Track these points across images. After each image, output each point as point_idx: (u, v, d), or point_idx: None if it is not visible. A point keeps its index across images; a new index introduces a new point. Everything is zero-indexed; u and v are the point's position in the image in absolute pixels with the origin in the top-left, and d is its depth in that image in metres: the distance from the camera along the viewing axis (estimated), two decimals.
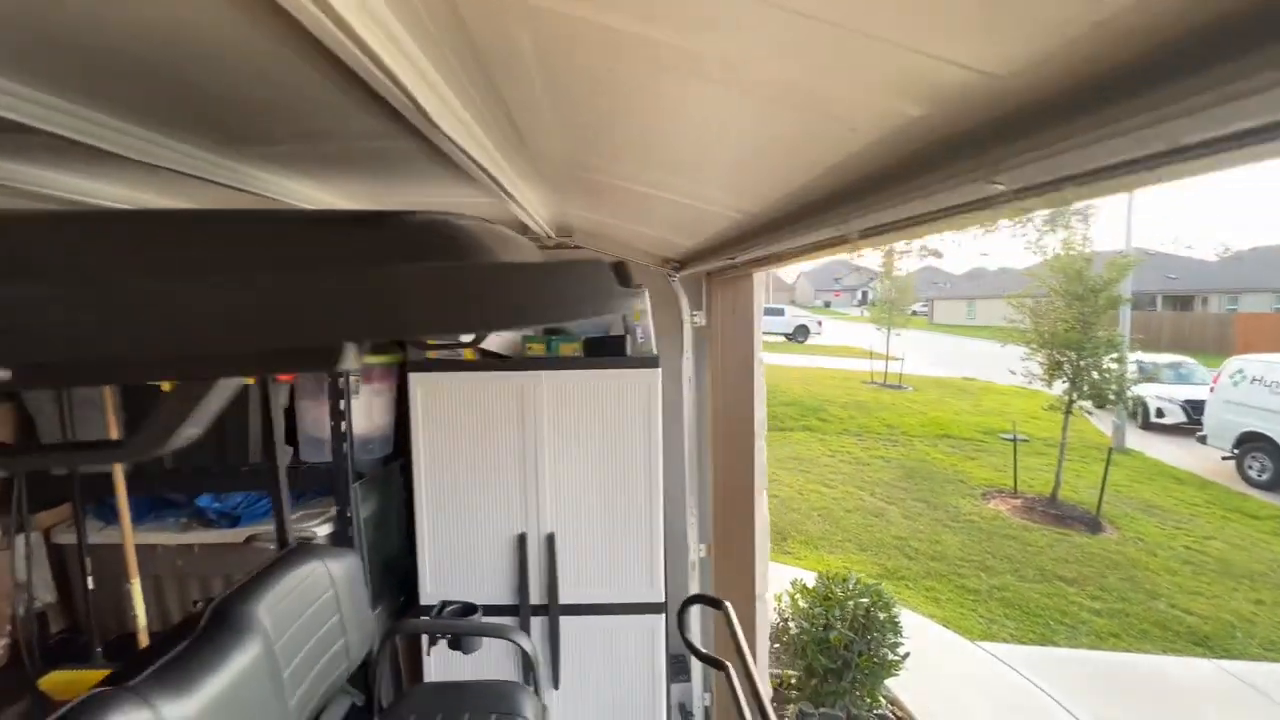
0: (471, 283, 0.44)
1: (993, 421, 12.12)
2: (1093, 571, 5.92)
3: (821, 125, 0.65)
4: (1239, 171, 0.51)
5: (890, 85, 0.52)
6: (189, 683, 1.00)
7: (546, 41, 0.66)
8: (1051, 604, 5.25)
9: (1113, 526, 7.14)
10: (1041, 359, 7.82)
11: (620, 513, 2.41)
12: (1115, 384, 7.77)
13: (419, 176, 1.51)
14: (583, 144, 1.16)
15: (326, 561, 1.45)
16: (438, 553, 2.42)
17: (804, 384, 15.13)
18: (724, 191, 1.17)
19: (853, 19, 0.48)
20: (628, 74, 0.80)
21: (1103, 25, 0.37)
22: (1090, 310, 7.39)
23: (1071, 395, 7.61)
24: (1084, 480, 8.63)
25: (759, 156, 0.86)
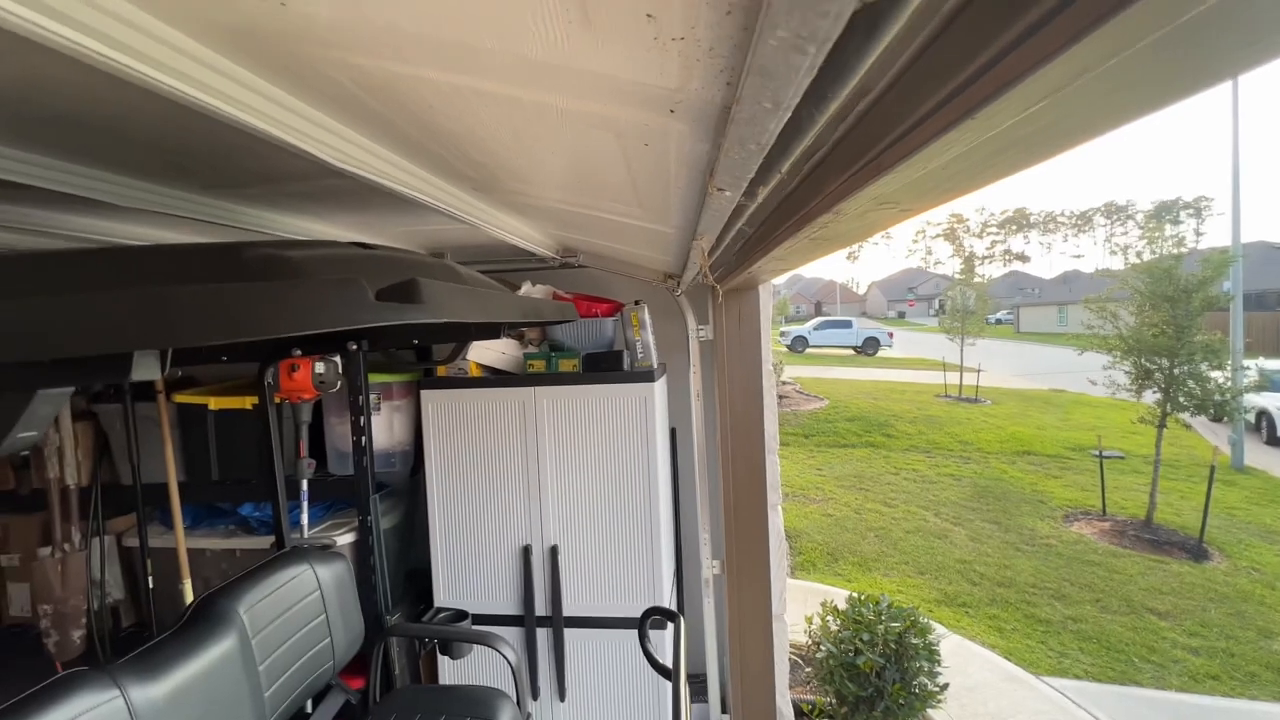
0: (223, 301, 0.51)
1: (1082, 437, 11.12)
2: (1192, 604, 5.29)
3: (630, 148, 0.68)
4: None
5: (634, 107, 0.55)
6: (160, 669, 1.12)
7: (430, 102, 0.73)
8: (1138, 639, 4.73)
9: (1221, 554, 6.35)
10: (1128, 367, 7.14)
11: (623, 526, 2.43)
12: (1221, 393, 6.96)
13: (392, 209, 1.63)
14: (523, 184, 1.24)
15: (315, 565, 1.58)
16: (450, 563, 2.53)
17: (870, 398, 14.50)
18: (640, 210, 1.21)
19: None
20: (511, 125, 0.86)
21: None
22: (1183, 313, 6.69)
23: (1165, 406, 6.89)
24: (1189, 502, 7.74)
25: (626, 180, 0.90)
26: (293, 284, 0.52)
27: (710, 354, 2.92)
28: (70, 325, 0.49)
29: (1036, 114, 0.48)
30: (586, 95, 0.58)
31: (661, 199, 0.89)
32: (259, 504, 2.64)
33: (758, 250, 1.21)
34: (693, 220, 0.86)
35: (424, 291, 0.63)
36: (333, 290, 0.54)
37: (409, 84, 0.70)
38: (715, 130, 0.52)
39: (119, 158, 1.09)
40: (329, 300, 0.55)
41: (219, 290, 0.52)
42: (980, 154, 0.58)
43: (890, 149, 0.58)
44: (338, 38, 0.56)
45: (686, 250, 1.38)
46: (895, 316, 49.47)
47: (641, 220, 1.32)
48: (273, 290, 0.53)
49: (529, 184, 1.25)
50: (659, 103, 0.52)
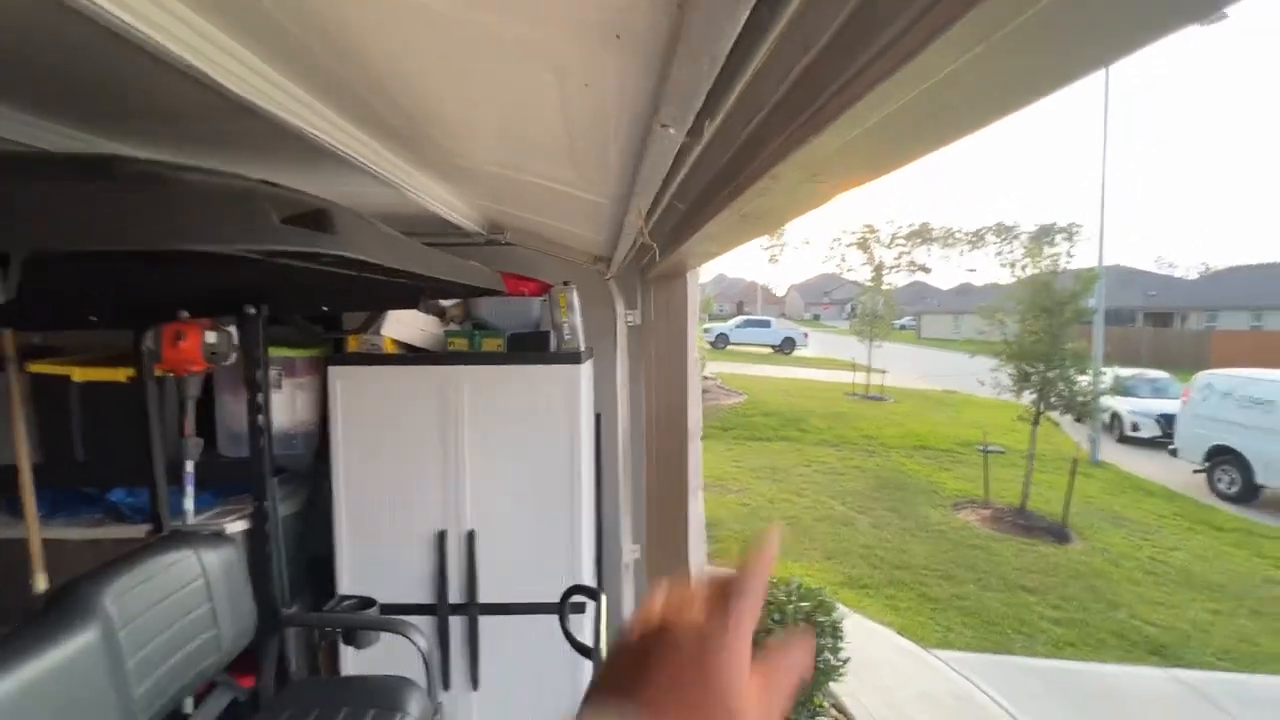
0: (92, 197, 0.44)
1: (970, 433, 12.15)
2: (1055, 581, 5.93)
3: (567, 86, 0.66)
4: (1222, 191, 0.51)
5: (576, 37, 0.52)
6: (5, 665, 0.97)
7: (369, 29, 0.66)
8: (1011, 613, 5.24)
9: (1079, 537, 7.17)
10: (1011, 370, 7.88)
11: (544, 511, 2.39)
12: (1084, 396, 7.84)
13: (307, 164, 1.50)
14: (446, 134, 1.16)
15: (199, 551, 1.42)
16: (357, 549, 2.38)
17: (786, 395, 15.16)
18: (571, 172, 1.18)
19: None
20: (428, 51, 0.80)
21: None
22: (1058, 323, 7.46)
23: (1039, 406, 7.66)
24: (1056, 492, 8.65)
25: (560, 130, 0.87)
26: (182, 190, 0.45)
27: (637, 340, 2.92)
28: None
29: (961, 73, 0.50)
30: (522, 13, 0.54)
31: (599, 157, 0.86)
32: (133, 489, 2.37)
33: (690, 227, 1.21)
34: (629, 183, 0.84)
35: (337, 220, 0.57)
36: (230, 202, 0.48)
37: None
38: (662, 61, 0.51)
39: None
40: (225, 214, 0.48)
41: (89, 187, 0.44)
42: (910, 118, 0.60)
43: (827, 104, 0.59)
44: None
45: (620, 222, 1.36)
46: (811, 318, 52.01)
47: (575, 188, 1.28)
48: (158, 194, 0.46)
49: (458, 140, 1.18)
50: (604, 28, 0.49)
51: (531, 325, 2.55)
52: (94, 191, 0.44)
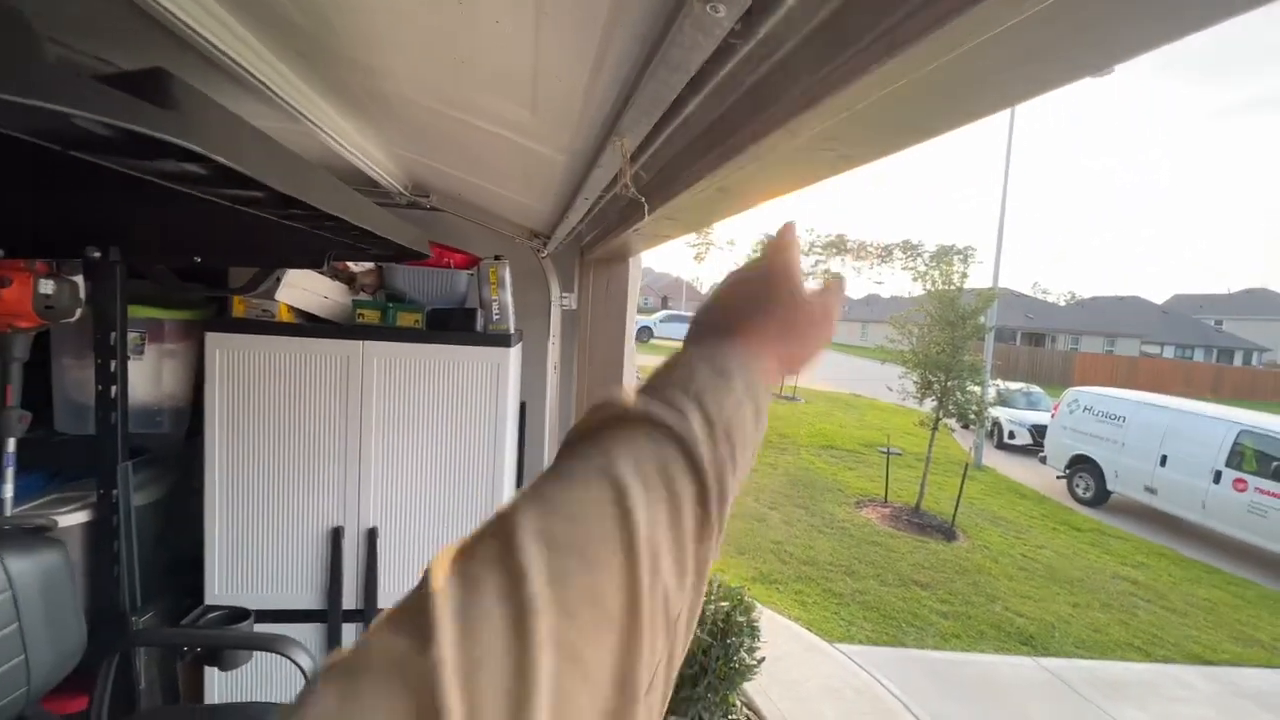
0: None
1: (873, 435, 12.92)
2: (944, 577, 6.35)
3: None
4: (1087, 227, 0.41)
5: None
6: None
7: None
8: (906, 607, 5.55)
9: (965, 536, 7.75)
10: (915, 378, 8.38)
11: (459, 506, 2.16)
12: (975, 405, 8.48)
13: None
14: (369, 58, 0.93)
15: (5, 556, 1.10)
16: (231, 548, 2.05)
17: None
18: (529, 116, 0.99)
19: None
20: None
21: None
22: (960, 336, 8.01)
23: (938, 413, 8.21)
24: (946, 493, 9.34)
25: (522, 56, 0.69)
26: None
27: (571, 325, 2.73)
28: None
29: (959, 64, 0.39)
30: None
31: (571, 85, 0.69)
32: None
33: (658, 196, 1.06)
34: (610, 120, 0.68)
35: (178, 91, 0.37)
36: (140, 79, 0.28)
37: None
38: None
39: None
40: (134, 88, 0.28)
41: None
42: (915, 101, 0.48)
43: (847, 62, 0.46)
44: None
45: (577, 184, 1.18)
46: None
47: (528, 135, 1.08)
48: None
49: (379, 55, 0.96)
50: None
51: (456, 301, 2.30)
52: None
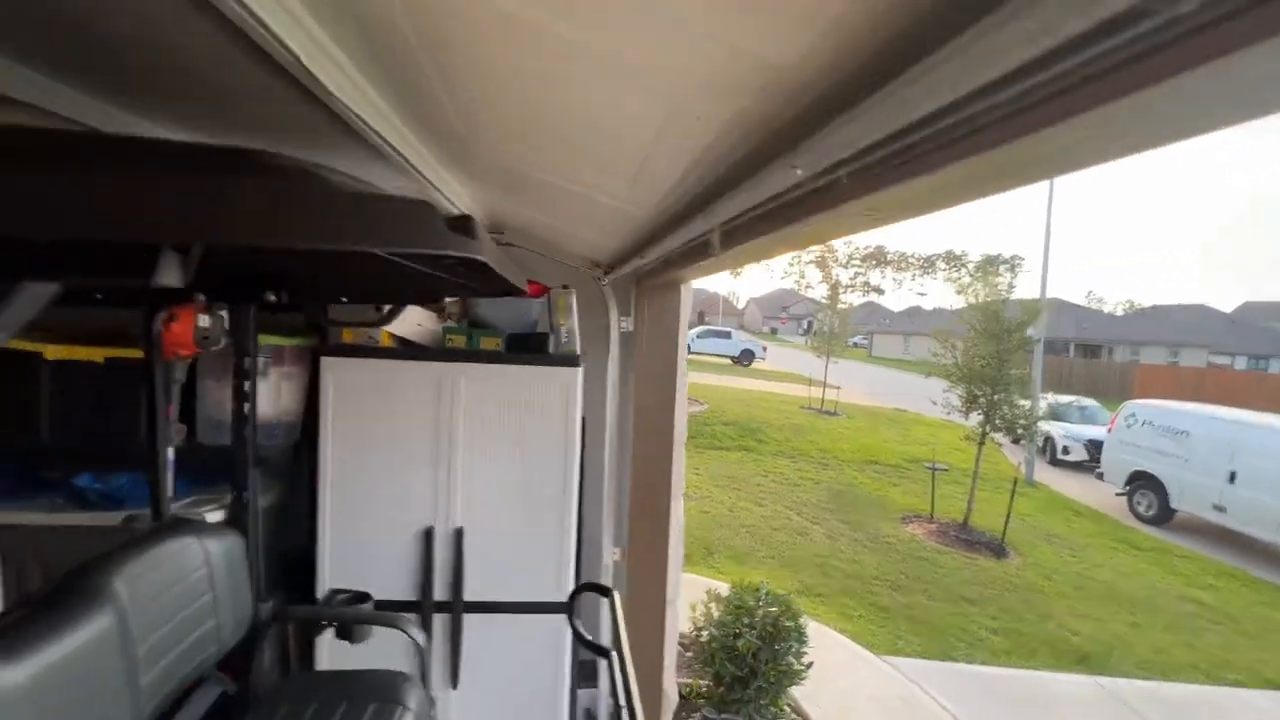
0: (288, 199, 0.47)
1: (918, 450, 12.70)
2: (994, 593, 6.27)
3: (677, 117, 0.72)
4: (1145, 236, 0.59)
5: (717, 79, 0.58)
6: (19, 649, 0.94)
7: (450, 30, 0.70)
8: (954, 622, 5.52)
9: (1016, 553, 7.60)
10: (960, 392, 8.31)
11: (532, 511, 2.41)
12: (1024, 419, 8.34)
13: (326, 149, 1.50)
14: (498, 135, 1.20)
15: (204, 539, 1.39)
16: (339, 544, 2.34)
17: (745, 406, 15.45)
18: (625, 187, 1.23)
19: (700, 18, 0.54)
20: (520, 62, 0.84)
21: (867, 13, 0.44)
22: (1005, 349, 7.93)
23: (985, 428, 8.11)
24: (995, 509, 9.15)
25: (640, 150, 0.93)
26: (370, 194, 0.49)
27: (627, 345, 2.98)
28: (98, 203, 0.42)
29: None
30: (659, 47, 0.59)
31: (666, 177, 0.92)
32: (100, 474, 2.26)
33: (734, 240, 1.28)
34: (705, 195, 0.90)
35: (476, 227, 0.60)
36: (409, 209, 0.51)
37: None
38: (813, 114, 0.56)
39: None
40: (405, 218, 0.52)
41: (288, 188, 0.47)
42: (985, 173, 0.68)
43: (910, 163, 0.66)
44: None
45: (648, 231, 1.41)
46: (769, 331, 53.10)
47: (617, 199, 1.33)
48: (349, 197, 0.49)
49: (512, 144, 1.22)
50: (750, 80, 0.55)
51: (529, 326, 2.57)
52: (300, 192, 0.47)
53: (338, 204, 0.48)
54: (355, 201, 0.49)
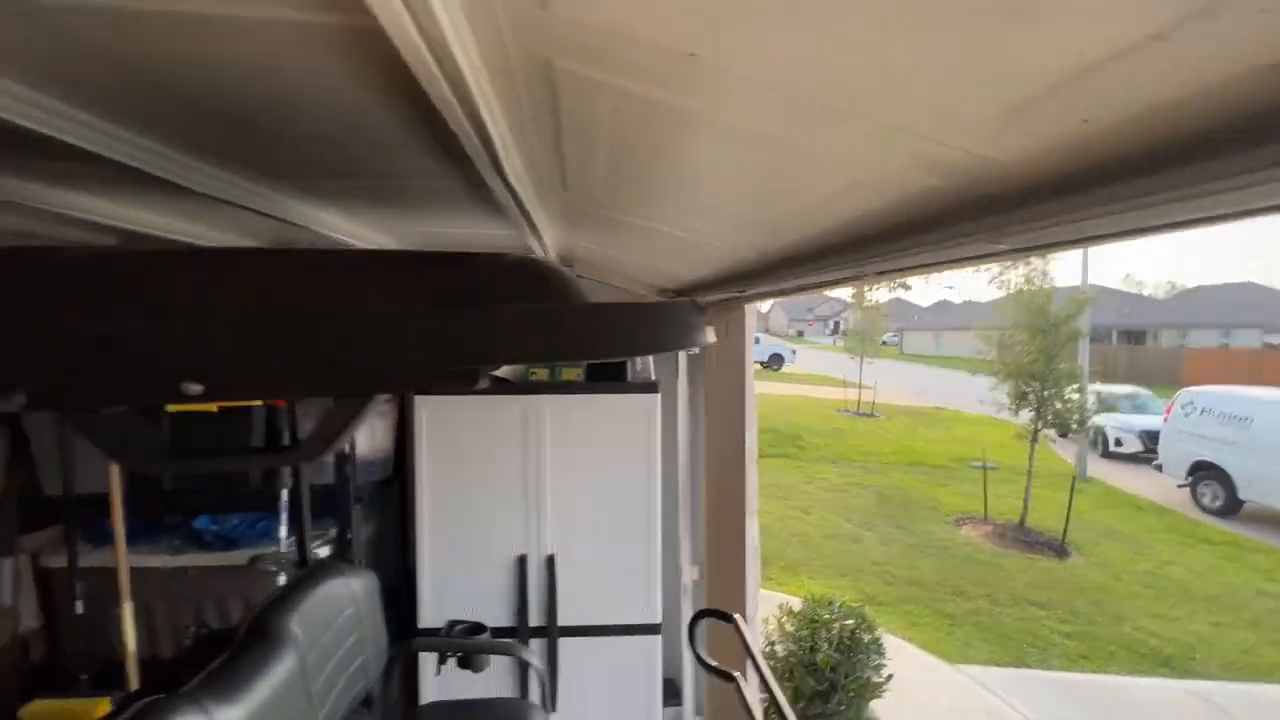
0: (592, 320, 0.54)
1: (962, 449, 12.44)
2: (1061, 596, 6.11)
3: (846, 185, 0.77)
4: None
5: (908, 161, 0.64)
6: (235, 690, 1.03)
7: (620, 110, 0.77)
8: (1024, 627, 5.39)
9: (1078, 552, 7.39)
10: (1009, 389, 8.15)
11: (619, 535, 2.47)
12: (1077, 413, 8.14)
13: (453, 211, 1.60)
14: (617, 189, 1.28)
15: (348, 579, 1.48)
16: (437, 574, 2.43)
17: (780, 411, 15.34)
18: (743, 232, 1.30)
19: (880, 113, 0.60)
20: (671, 137, 0.91)
21: (1088, 125, 0.49)
22: (1053, 343, 7.77)
23: (1037, 424, 7.93)
24: (1050, 507, 8.91)
25: (780, 203, 0.99)
26: (656, 308, 0.56)
27: (696, 366, 3.03)
28: (457, 339, 0.50)
29: None
30: (837, 134, 0.64)
31: (820, 228, 0.98)
32: (216, 517, 2.40)
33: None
34: (845, 248, 0.95)
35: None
36: (675, 313, 0.58)
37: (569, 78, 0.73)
38: (983, 192, 0.61)
39: (173, 126, 0.98)
40: (671, 323, 0.58)
41: (572, 310, 0.54)
42: None
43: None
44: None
45: (751, 268, 1.47)
46: (795, 334, 52.62)
47: (715, 238, 1.39)
48: (628, 309, 0.56)
49: (626, 199, 1.30)
50: (931, 171, 0.60)
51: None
52: (594, 313, 0.54)
53: (611, 317, 0.55)
54: (631, 313, 0.55)
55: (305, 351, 0.49)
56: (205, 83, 0.84)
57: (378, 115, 0.92)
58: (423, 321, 0.51)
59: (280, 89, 0.85)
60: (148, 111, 0.93)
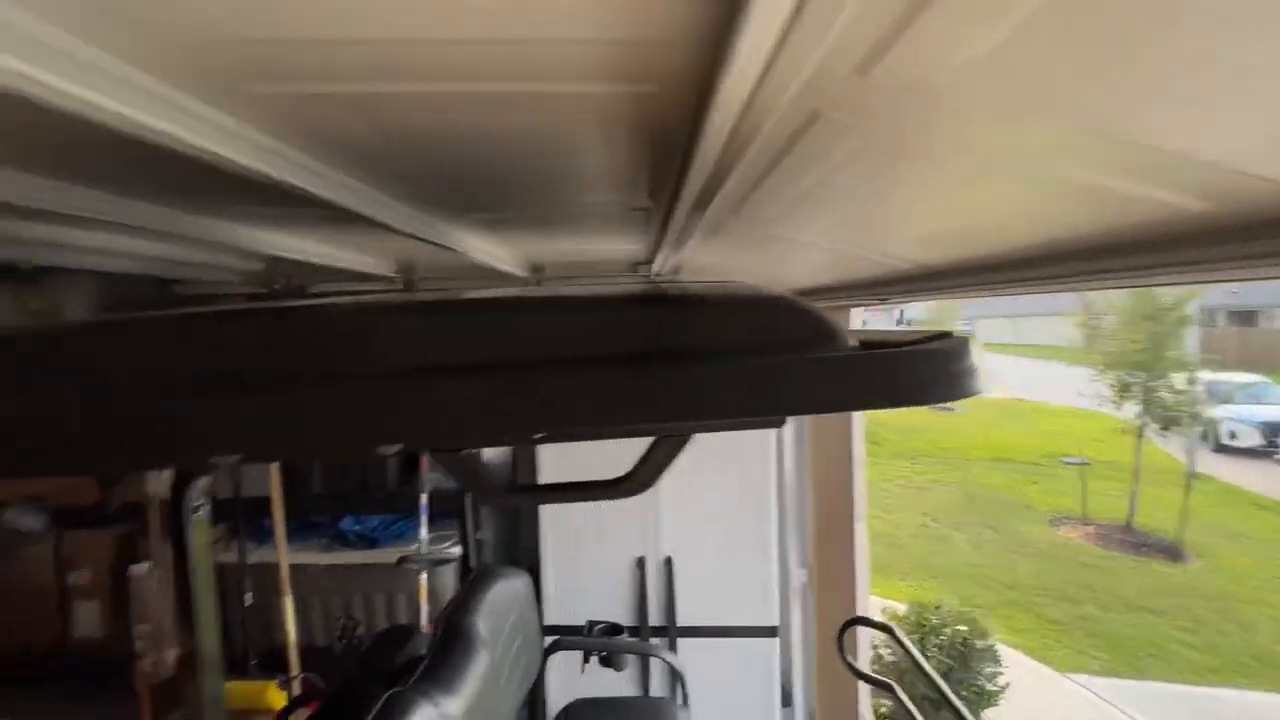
0: (873, 368, 0.55)
1: (1051, 444, 11.73)
2: (1179, 602, 5.68)
3: (1088, 203, 0.76)
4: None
5: (1169, 181, 0.63)
6: (452, 685, 1.13)
7: (856, 143, 0.79)
8: (1140, 636, 5.06)
9: (1195, 555, 6.84)
10: (1111, 380, 7.63)
11: (736, 537, 2.49)
12: (1188, 405, 7.53)
13: (583, 229, 1.66)
14: (769, 208, 1.30)
15: (511, 581, 1.58)
16: (559, 575, 2.53)
17: None
18: (903, 241, 1.29)
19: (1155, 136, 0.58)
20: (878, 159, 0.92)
21: None
22: (1161, 330, 7.20)
23: (1143, 418, 7.39)
24: (1156, 506, 8.29)
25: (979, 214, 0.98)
26: (930, 352, 0.55)
27: None
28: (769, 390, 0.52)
29: None
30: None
31: (1005, 245, 0.98)
32: (359, 517, 2.59)
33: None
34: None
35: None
36: (955, 358, 0.56)
37: None
38: None
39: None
40: (952, 368, 0.57)
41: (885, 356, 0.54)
42: None
43: None
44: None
45: (894, 276, 1.46)
46: (861, 325, 50.92)
47: (857, 247, 1.40)
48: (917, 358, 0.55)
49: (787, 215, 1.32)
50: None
51: None
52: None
53: (896, 364, 0.55)
54: (906, 360, 0.55)
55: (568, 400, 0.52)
56: (459, 148, 0.92)
57: (599, 156, 0.98)
58: (683, 372, 0.52)
59: (530, 146, 0.91)
60: (398, 171, 1.02)
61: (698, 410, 0.54)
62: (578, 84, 0.66)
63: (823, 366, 0.54)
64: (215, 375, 0.52)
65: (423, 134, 0.87)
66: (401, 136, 0.88)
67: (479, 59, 0.61)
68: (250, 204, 1.28)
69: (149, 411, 0.49)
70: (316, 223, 1.51)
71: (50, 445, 0.51)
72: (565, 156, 1.03)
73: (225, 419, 0.50)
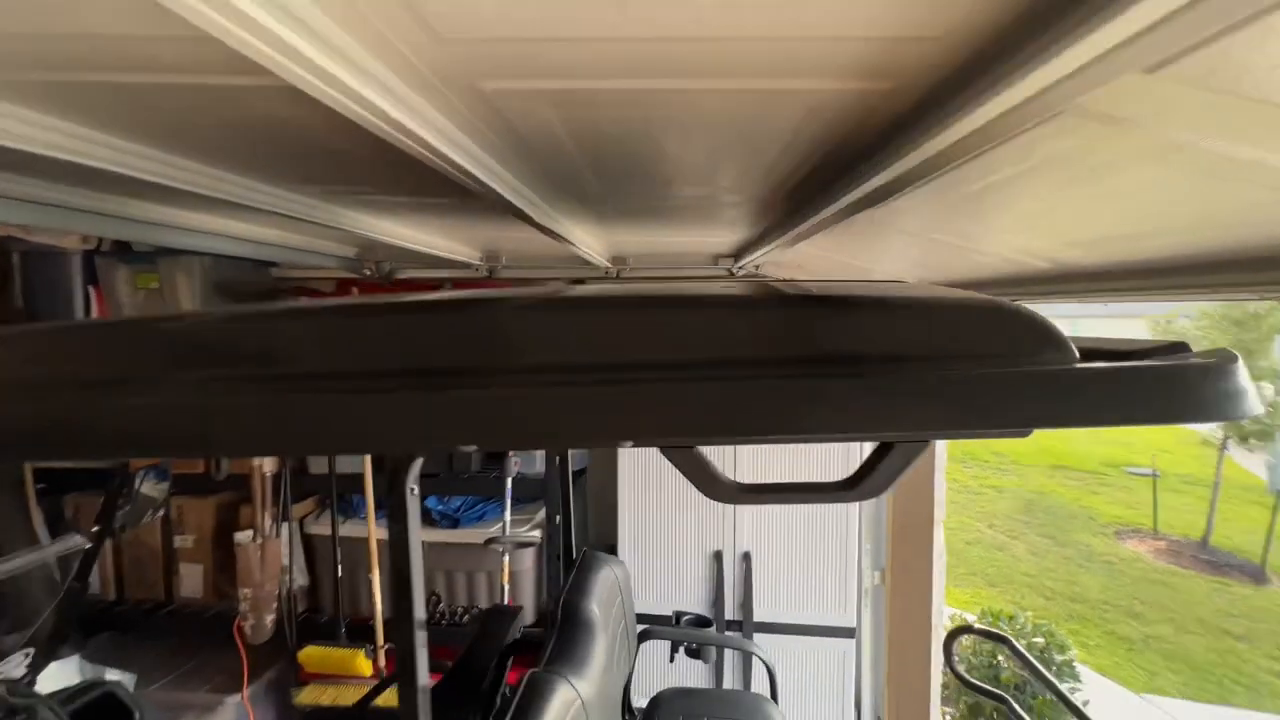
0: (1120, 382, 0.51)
1: (1114, 452, 11.19)
2: (1266, 628, 5.35)
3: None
4: None
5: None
6: (580, 666, 1.15)
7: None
8: (1221, 660, 4.79)
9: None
10: None
11: (815, 535, 2.47)
12: (1275, 418, 7.05)
13: (646, 220, 1.65)
14: (930, 204, 1.25)
15: (612, 568, 1.60)
16: (636, 564, 2.56)
17: None
18: (1046, 239, 1.23)
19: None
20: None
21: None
22: (1251, 338, 6.76)
23: (1227, 431, 6.96)
24: (1233, 524, 7.82)
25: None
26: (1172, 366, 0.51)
27: None
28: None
29: None
30: None
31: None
32: (442, 498, 2.67)
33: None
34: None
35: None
36: (1220, 377, 0.52)
37: None
38: None
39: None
40: (1216, 388, 0.52)
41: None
42: None
43: None
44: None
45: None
46: None
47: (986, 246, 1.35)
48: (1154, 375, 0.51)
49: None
50: None
51: None
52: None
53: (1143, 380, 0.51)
54: (1153, 377, 0.51)
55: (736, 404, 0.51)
56: (630, 143, 0.92)
57: (748, 153, 0.97)
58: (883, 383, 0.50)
59: (692, 140, 0.91)
60: (550, 164, 1.03)
61: (950, 421, 0.53)
62: (806, 80, 0.65)
63: (1091, 378, 0.51)
64: (447, 369, 0.53)
65: (601, 130, 0.87)
66: (582, 132, 0.89)
67: (723, 57, 0.60)
68: (365, 188, 1.31)
69: (382, 402, 0.51)
70: (415, 208, 1.54)
71: (314, 431, 0.54)
72: (714, 152, 1.02)
73: (453, 410, 0.52)
